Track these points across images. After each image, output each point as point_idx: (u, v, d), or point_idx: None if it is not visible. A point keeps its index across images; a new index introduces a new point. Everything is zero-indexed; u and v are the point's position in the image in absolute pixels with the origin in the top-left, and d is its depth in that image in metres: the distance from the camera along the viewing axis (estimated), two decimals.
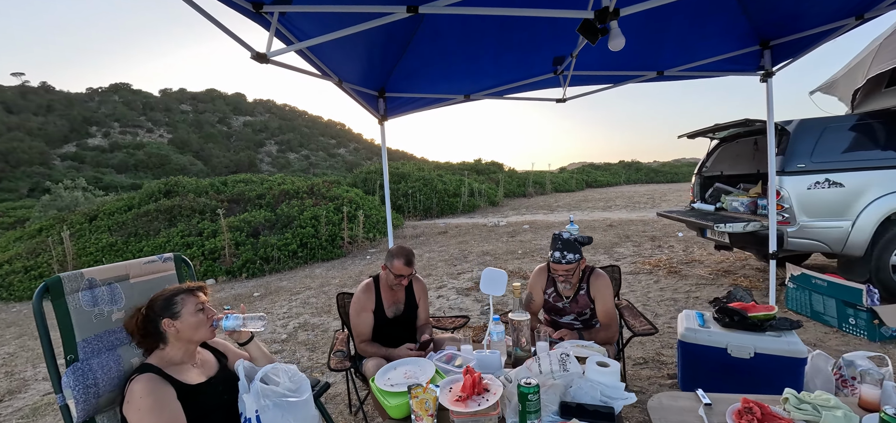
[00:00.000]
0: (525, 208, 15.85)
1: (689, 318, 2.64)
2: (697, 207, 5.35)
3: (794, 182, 3.94)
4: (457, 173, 19.72)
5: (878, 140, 4.02)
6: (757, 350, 2.34)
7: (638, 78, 3.25)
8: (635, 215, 11.66)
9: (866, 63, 4.75)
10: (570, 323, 2.34)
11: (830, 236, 3.93)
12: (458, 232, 10.99)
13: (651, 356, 3.20)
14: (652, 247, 7.21)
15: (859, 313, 3.27)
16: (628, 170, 29.79)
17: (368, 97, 3.25)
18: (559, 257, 2.15)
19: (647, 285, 5.04)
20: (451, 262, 7.49)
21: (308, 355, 3.86)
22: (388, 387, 1.55)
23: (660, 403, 1.55)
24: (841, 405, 1.41)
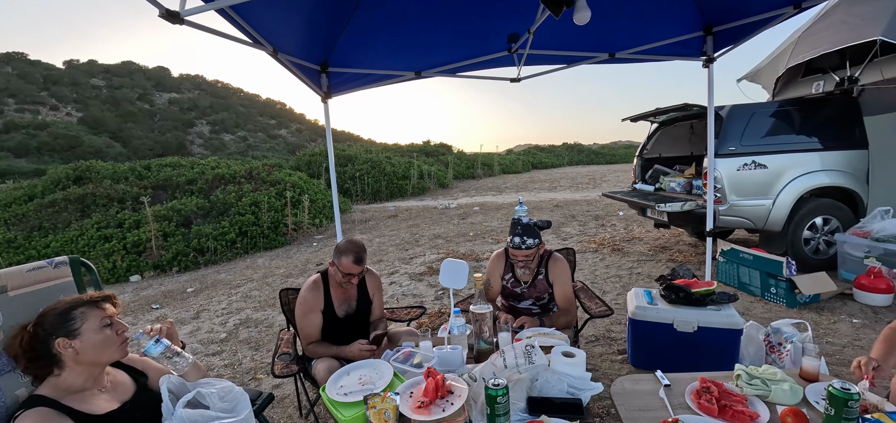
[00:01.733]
0: (475, 190, 15.97)
1: (638, 296, 2.72)
2: (639, 188, 5.61)
3: (726, 164, 4.22)
4: (405, 155, 19.41)
5: (794, 125, 4.40)
6: (700, 324, 2.46)
7: (591, 59, 3.25)
8: (579, 195, 12.15)
9: (787, 54, 5.18)
10: (528, 308, 2.31)
11: (755, 213, 4.27)
12: (409, 215, 10.82)
13: (602, 334, 3.29)
14: (596, 226, 7.52)
15: (780, 283, 3.59)
16: (571, 152, 31.07)
17: (309, 72, 2.97)
18: (519, 242, 2.09)
19: (594, 264, 5.23)
20: (402, 246, 7.33)
21: (251, 355, 3.56)
22: (341, 397, 1.39)
23: (622, 388, 1.54)
24: (787, 378, 1.47)
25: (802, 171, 4.25)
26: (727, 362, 2.49)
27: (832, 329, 3.16)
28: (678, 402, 1.44)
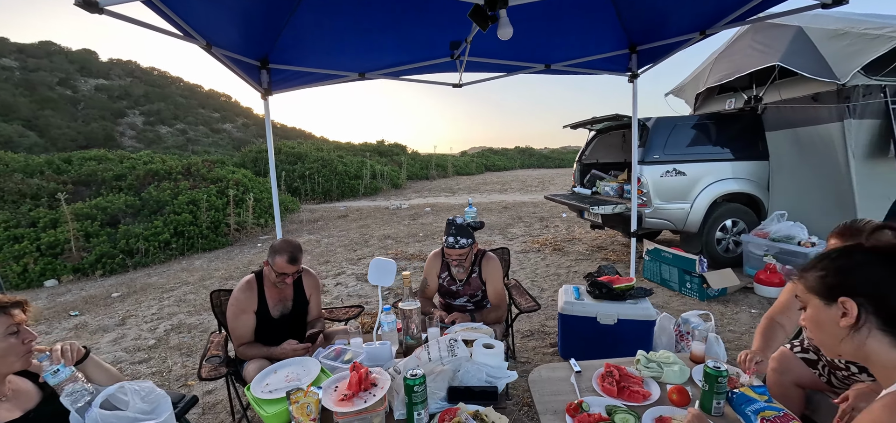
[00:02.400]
0: (427, 191, 16.07)
1: (567, 292, 2.92)
2: (577, 191, 5.96)
3: (651, 171, 4.61)
4: (358, 155, 19.12)
5: (710, 137, 4.90)
6: (620, 317, 2.69)
7: (528, 69, 3.44)
8: (527, 198, 12.60)
9: (706, 73, 5.72)
10: (463, 305, 2.41)
11: (676, 215, 4.70)
12: (360, 215, 10.70)
13: (536, 328, 3.48)
14: (541, 227, 7.86)
15: (693, 279, 3.98)
16: (523, 155, 32.04)
17: (248, 68, 2.90)
18: (453, 242, 2.19)
19: (536, 263, 5.48)
20: (351, 247, 7.26)
21: (182, 362, 3.40)
22: (266, 394, 1.40)
23: (539, 375, 1.68)
24: (678, 361, 1.68)
25: (716, 178, 4.74)
26: (643, 348, 2.75)
27: (735, 319, 3.56)
28: (586, 386, 1.60)
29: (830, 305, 0.87)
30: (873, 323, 0.81)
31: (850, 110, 4.14)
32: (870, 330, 0.82)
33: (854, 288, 0.83)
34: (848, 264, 0.86)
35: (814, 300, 0.91)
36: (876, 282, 0.81)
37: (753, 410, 1.32)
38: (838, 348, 0.88)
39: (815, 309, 0.91)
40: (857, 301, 0.82)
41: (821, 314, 0.90)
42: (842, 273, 0.86)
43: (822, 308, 0.89)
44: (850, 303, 0.83)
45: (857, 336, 0.83)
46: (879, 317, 0.81)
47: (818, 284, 0.90)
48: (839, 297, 0.85)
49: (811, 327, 0.93)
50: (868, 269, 0.83)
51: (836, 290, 0.86)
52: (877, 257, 0.83)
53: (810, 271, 0.92)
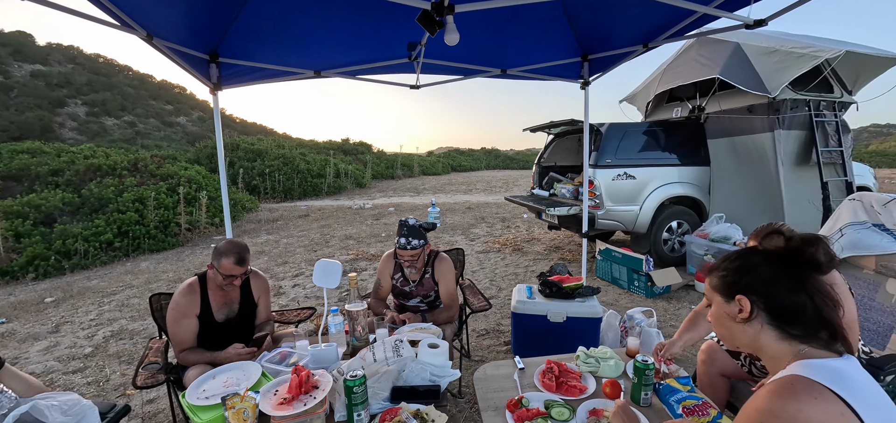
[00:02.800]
0: (393, 191, 15.96)
1: (520, 292, 3.01)
2: (536, 193, 6.12)
3: (604, 174, 4.81)
4: (322, 153, 18.71)
5: (658, 143, 5.18)
6: (568, 315, 2.80)
7: (485, 73, 3.50)
8: (491, 199, 12.79)
9: (656, 82, 6.04)
10: (416, 306, 2.43)
11: (626, 217, 4.93)
12: (322, 215, 10.48)
13: (492, 327, 3.56)
14: (502, 227, 8.01)
15: (640, 277, 4.19)
16: (489, 156, 32.48)
17: (195, 61, 2.78)
18: (405, 243, 2.20)
19: (496, 263, 5.59)
20: (311, 247, 7.10)
21: (122, 370, 3.21)
22: (202, 401, 1.36)
23: (484, 373, 1.72)
24: (614, 355, 1.77)
25: (663, 182, 5.01)
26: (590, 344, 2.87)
27: (676, 314, 3.79)
28: (528, 382, 1.66)
29: (729, 302, 0.96)
30: (763, 318, 0.90)
31: (780, 122, 4.51)
32: (761, 325, 0.91)
33: (748, 287, 0.92)
34: (744, 264, 0.95)
35: (716, 298, 1.00)
36: (765, 281, 0.90)
37: (676, 399, 1.42)
38: (736, 340, 0.97)
39: (717, 306, 1.00)
40: (750, 298, 0.91)
41: (721, 310, 0.98)
42: (738, 273, 0.95)
43: (722, 305, 0.98)
44: (744, 300, 0.92)
45: (750, 330, 0.92)
46: (768, 313, 0.90)
47: (719, 283, 0.98)
48: (736, 295, 0.93)
49: (714, 323, 1.02)
50: (760, 269, 0.92)
51: (733, 288, 0.95)
52: (767, 258, 0.93)
53: (714, 272, 1.01)
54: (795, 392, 0.77)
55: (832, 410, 0.74)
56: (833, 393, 0.76)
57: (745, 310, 0.92)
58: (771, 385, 0.83)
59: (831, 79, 4.70)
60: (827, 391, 0.76)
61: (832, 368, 0.80)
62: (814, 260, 0.87)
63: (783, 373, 0.85)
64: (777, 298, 0.88)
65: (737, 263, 0.96)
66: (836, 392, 0.75)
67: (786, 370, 0.85)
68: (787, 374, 0.83)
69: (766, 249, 0.94)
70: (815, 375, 0.79)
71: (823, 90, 4.71)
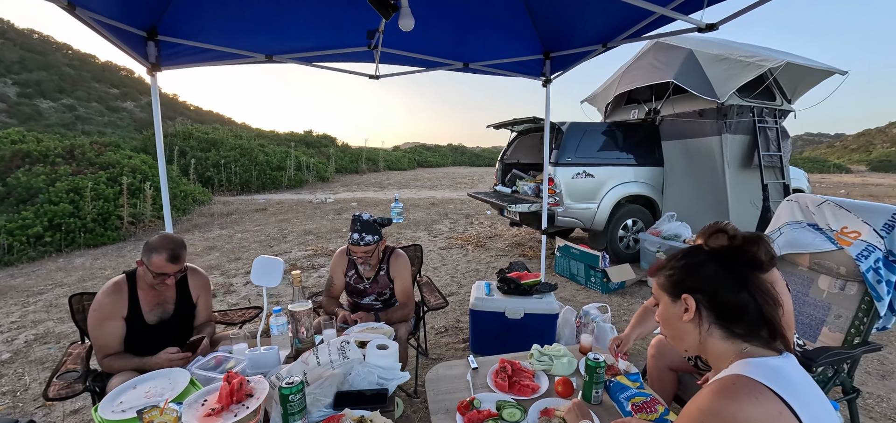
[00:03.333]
0: (356, 185, 15.63)
1: (479, 288, 2.98)
2: (499, 190, 6.15)
3: (564, 172, 4.88)
4: (283, 144, 18.04)
5: (616, 143, 5.32)
6: (526, 311, 2.80)
7: (447, 66, 3.44)
8: (456, 195, 12.79)
9: (615, 84, 6.21)
10: (370, 304, 2.34)
11: (585, 215, 5.03)
12: (280, 209, 10.08)
13: (451, 324, 3.52)
14: (466, 223, 8.01)
15: (597, 274, 4.29)
16: (455, 153, 32.52)
17: (130, 38, 2.53)
18: (357, 239, 2.10)
19: (458, 259, 5.56)
20: (267, 243, 6.80)
21: (44, 378, 2.90)
22: (117, 414, 1.21)
23: (436, 374, 1.66)
24: (567, 353, 1.77)
25: (620, 181, 5.16)
26: (547, 340, 2.89)
27: (630, 309, 3.90)
28: (481, 382, 1.62)
29: (675, 302, 0.95)
30: (708, 317, 0.90)
31: (727, 126, 4.74)
32: (708, 325, 0.90)
33: (693, 286, 0.91)
34: (688, 263, 0.94)
35: (663, 297, 0.99)
36: (710, 279, 0.90)
37: (626, 397, 1.42)
38: (683, 341, 0.96)
39: (664, 306, 0.99)
40: (695, 298, 0.90)
41: (668, 311, 0.97)
42: (683, 272, 0.94)
43: (669, 305, 0.97)
44: (690, 299, 0.91)
45: (696, 330, 0.91)
46: (713, 311, 0.89)
47: (666, 282, 0.97)
48: (682, 294, 0.92)
49: (661, 323, 1.01)
50: (704, 268, 0.91)
51: (678, 287, 0.94)
52: (712, 257, 0.92)
53: (661, 271, 1.00)
54: (736, 392, 0.77)
55: (771, 409, 0.73)
56: (772, 392, 0.75)
57: (690, 309, 0.91)
58: (713, 385, 0.82)
59: (773, 87, 5.00)
60: (766, 391, 0.76)
61: (772, 366, 0.80)
62: (755, 259, 0.87)
63: (726, 372, 0.84)
64: (720, 296, 0.88)
65: (682, 262, 0.95)
66: (776, 391, 0.75)
67: (728, 370, 0.84)
68: (729, 373, 0.83)
69: (711, 247, 0.94)
70: (755, 374, 0.78)
71: (766, 98, 5.00)
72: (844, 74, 4.85)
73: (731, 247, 0.89)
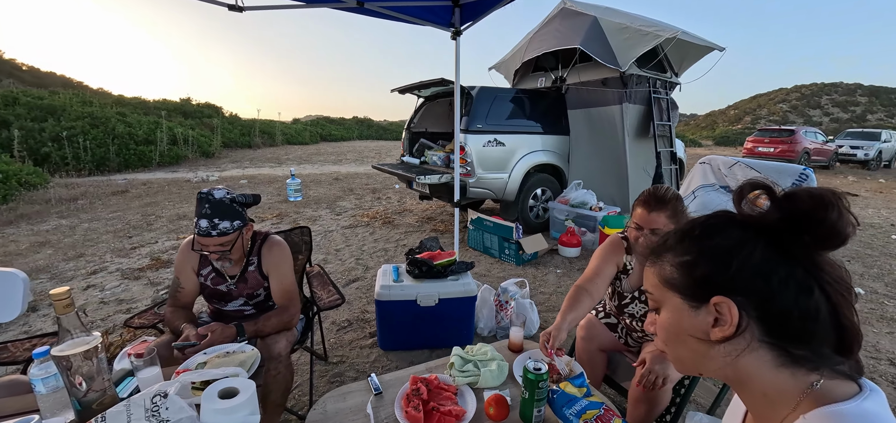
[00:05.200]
0: (249, 161, 13.86)
1: (386, 274, 2.53)
2: (406, 161, 5.68)
3: (475, 140, 4.59)
4: (152, 114, 15.21)
5: (525, 111, 5.17)
6: (440, 296, 2.43)
7: (335, 3, 2.81)
8: (362, 170, 12.03)
9: (523, 50, 6.06)
10: (239, 310, 1.75)
11: (496, 185, 4.84)
12: (147, 191, 8.38)
13: (356, 317, 3.02)
14: (372, 199, 7.42)
15: (511, 245, 4.12)
16: (361, 126, 30.97)
17: None
18: (206, 227, 1.48)
19: (364, 238, 5.01)
20: (124, 232, 5.49)
21: None
22: None
23: (323, 412, 1.18)
24: (496, 355, 1.41)
25: (529, 150, 5.04)
26: (465, 328, 2.57)
27: (544, 280, 3.79)
28: (388, 415, 1.18)
29: (698, 308, 0.57)
30: (754, 332, 0.53)
31: (627, 96, 4.86)
32: (748, 342, 0.54)
33: (735, 284, 0.53)
34: (723, 245, 0.55)
35: (672, 300, 0.59)
36: (762, 273, 0.52)
37: (575, 412, 1.10)
38: (701, 366, 0.59)
39: (673, 312, 0.60)
40: (738, 302, 0.53)
41: (682, 321, 0.58)
42: (716, 259, 0.55)
43: (685, 312, 0.58)
44: (730, 306, 0.53)
45: (731, 353, 0.55)
46: (763, 324, 0.53)
47: (682, 276, 0.58)
48: (713, 296, 0.54)
49: (665, 339, 0.62)
50: (751, 253, 0.53)
51: (707, 285, 0.55)
52: (758, 233, 0.54)
53: (667, 254, 0.60)
54: None
55: None
56: None
57: (730, 321, 0.53)
58: None
59: (664, 60, 5.26)
60: None
61: (879, 418, 0.48)
62: (833, 230, 0.49)
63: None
64: (778, 302, 0.52)
65: (710, 241, 0.56)
66: None
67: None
68: None
69: (752, 217, 0.55)
70: None
71: (659, 70, 5.25)
72: (722, 50, 5.27)
73: (793, 212, 0.52)
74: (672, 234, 0.61)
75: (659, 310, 0.63)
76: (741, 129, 45.87)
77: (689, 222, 0.60)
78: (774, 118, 58.92)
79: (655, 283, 0.62)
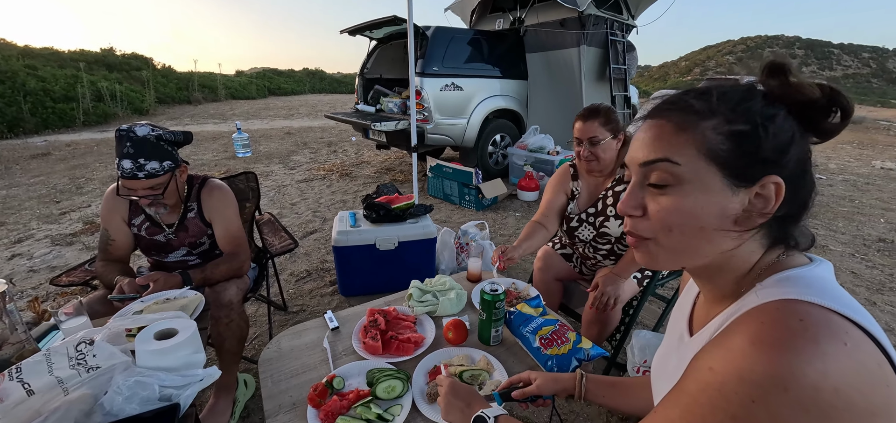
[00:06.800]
0: (189, 118, 12.82)
1: (342, 220, 2.45)
2: (360, 109, 5.45)
3: (431, 84, 4.44)
4: (68, 66, 13.56)
5: (483, 54, 5.03)
6: (400, 239, 2.40)
7: None
8: (316, 123, 11.49)
9: None
10: (183, 260, 1.63)
11: (455, 131, 4.76)
12: (73, 153, 7.59)
13: (315, 267, 2.95)
14: (328, 152, 7.14)
15: (471, 191, 4.13)
16: (313, 78, 29.28)
17: None
18: (131, 167, 1.34)
19: (321, 191, 4.84)
20: (51, 198, 4.98)
21: None
22: None
23: (277, 349, 1.14)
24: (454, 284, 1.41)
25: (488, 94, 4.96)
26: (426, 270, 2.58)
27: (504, 223, 3.86)
28: (346, 347, 1.16)
29: (738, 187, 0.49)
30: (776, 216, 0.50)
31: (585, 38, 4.83)
32: (766, 226, 0.51)
33: (787, 164, 0.48)
34: (770, 115, 0.48)
35: (709, 175, 0.49)
36: (803, 157, 0.49)
37: (531, 330, 1.13)
38: (701, 252, 0.52)
39: (703, 194, 0.50)
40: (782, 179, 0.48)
41: (713, 202, 0.49)
42: (779, 136, 0.48)
43: (720, 193, 0.49)
44: (778, 187, 0.48)
45: (741, 235, 0.51)
46: (788, 206, 0.50)
47: (733, 148, 0.48)
48: (764, 175, 0.48)
49: (669, 224, 0.52)
50: (788, 129, 0.48)
51: (756, 161, 0.48)
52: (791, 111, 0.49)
53: (708, 120, 0.49)
54: (814, 338, 0.40)
55: (867, 357, 0.40)
56: (859, 328, 0.42)
57: (773, 204, 0.48)
58: (753, 331, 0.44)
59: (621, 2, 5.23)
60: (853, 329, 0.42)
61: (830, 282, 0.48)
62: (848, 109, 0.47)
63: (761, 298, 0.48)
64: (807, 185, 0.50)
65: (756, 110, 0.48)
66: (861, 325, 0.42)
67: (761, 294, 0.48)
68: (771, 300, 0.46)
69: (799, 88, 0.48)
70: (825, 299, 0.44)
71: (616, 11, 5.23)
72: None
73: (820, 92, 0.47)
74: (713, 91, 0.51)
75: (665, 187, 0.52)
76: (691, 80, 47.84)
77: (728, 83, 0.52)
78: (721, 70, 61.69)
79: (690, 153, 0.49)
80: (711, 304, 0.59)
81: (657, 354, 0.75)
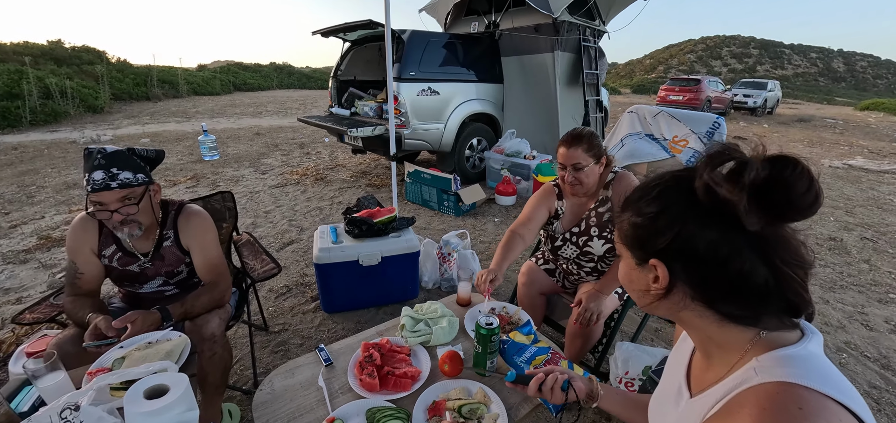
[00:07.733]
0: (148, 116, 12.17)
1: (324, 236, 2.41)
2: (335, 112, 5.35)
3: (408, 89, 4.41)
4: (10, 61, 12.60)
5: (459, 58, 5.04)
6: (383, 255, 2.38)
7: None
8: (286, 122, 11.19)
9: None
10: (159, 291, 1.56)
11: (432, 136, 4.75)
12: (21, 157, 7.06)
13: (295, 282, 2.88)
14: (301, 154, 6.97)
15: (450, 197, 4.14)
16: (281, 73, 28.40)
17: None
18: (104, 178, 1.26)
19: (295, 197, 4.73)
20: None
21: None
22: None
23: (270, 390, 1.11)
24: (446, 311, 1.42)
25: (464, 98, 4.98)
26: (410, 284, 2.58)
27: (483, 230, 3.89)
28: (342, 385, 1.14)
29: (641, 265, 0.62)
30: (687, 293, 0.58)
31: (559, 43, 4.92)
32: (682, 300, 0.59)
33: (669, 250, 0.57)
34: (666, 211, 0.57)
35: (625, 254, 0.66)
36: (700, 247, 0.54)
37: (525, 359, 1.15)
38: (652, 309, 0.66)
39: (624, 265, 0.67)
40: (672, 268, 0.57)
41: (632, 274, 0.65)
42: (659, 228, 0.58)
43: (633, 267, 0.64)
44: (661, 268, 0.58)
45: (674, 307, 0.61)
46: (698, 290, 0.57)
47: (630, 232, 0.63)
48: (650, 259, 0.59)
49: (624, 282, 0.69)
50: (693, 227, 0.54)
51: (646, 247, 0.60)
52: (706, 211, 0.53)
53: (628, 212, 0.63)
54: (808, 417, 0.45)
55: None
56: (850, 412, 0.47)
57: (662, 282, 0.59)
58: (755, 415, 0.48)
59: (594, 7, 5.35)
60: (846, 415, 0.46)
61: (822, 362, 0.52)
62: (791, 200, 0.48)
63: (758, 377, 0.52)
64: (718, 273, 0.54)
65: (656, 206, 0.58)
66: (852, 410, 0.47)
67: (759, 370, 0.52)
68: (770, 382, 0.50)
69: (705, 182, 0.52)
70: (818, 383, 0.48)
71: (588, 18, 5.34)
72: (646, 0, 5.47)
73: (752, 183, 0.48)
74: (636, 190, 0.64)
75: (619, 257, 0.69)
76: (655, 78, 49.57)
77: (654, 178, 0.62)
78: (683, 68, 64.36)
79: (617, 234, 0.67)
80: (708, 363, 0.64)
81: (654, 397, 0.79)
